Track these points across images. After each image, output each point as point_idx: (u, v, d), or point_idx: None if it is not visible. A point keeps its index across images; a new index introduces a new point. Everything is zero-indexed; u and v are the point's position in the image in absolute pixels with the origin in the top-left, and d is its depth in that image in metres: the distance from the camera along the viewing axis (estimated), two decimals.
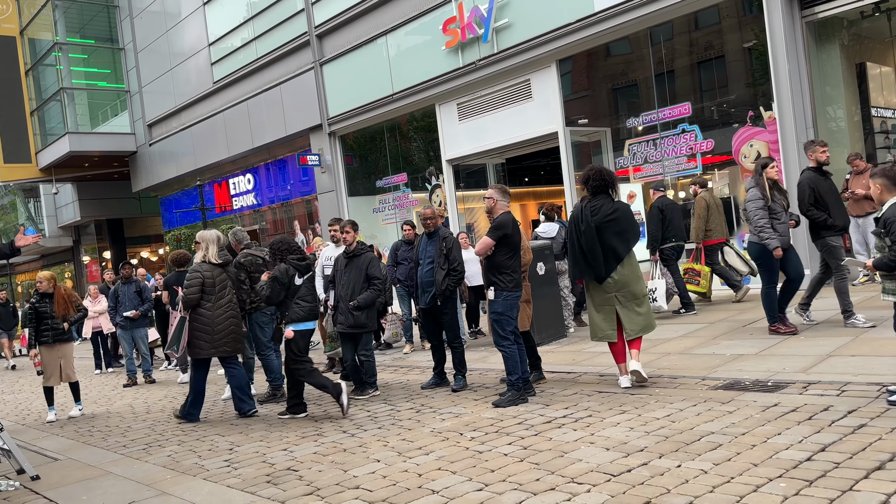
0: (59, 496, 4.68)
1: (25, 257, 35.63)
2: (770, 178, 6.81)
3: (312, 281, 6.56)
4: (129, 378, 10.29)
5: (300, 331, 6.36)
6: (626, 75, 12.41)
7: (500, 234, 5.79)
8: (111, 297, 10.70)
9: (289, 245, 6.40)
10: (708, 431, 4.26)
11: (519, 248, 5.94)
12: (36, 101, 25.59)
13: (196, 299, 6.46)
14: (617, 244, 5.59)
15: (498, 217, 5.91)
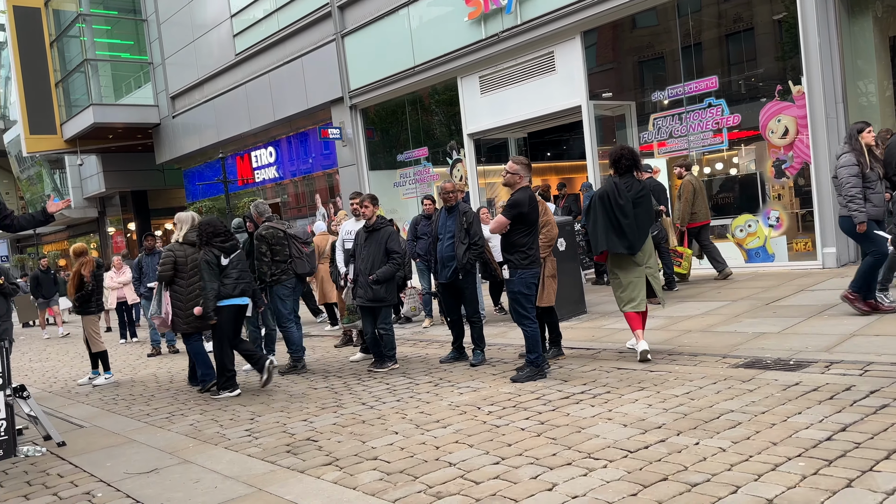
0: (83, 462, 4.79)
1: (52, 227, 36.20)
2: (867, 143, 6.34)
3: (241, 260, 6.72)
4: (153, 348, 10.46)
5: (228, 306, 6.50)
6: (653, 48, 12.17)
7: (515, 213, 5.66)
8: (135, 268, 10.84)
9: (214, 228, 6.61)
10: (727, 409, 4.24)
11: (536, 225, 5.83)
12: (60, 72, 25.79)
13: (169, 276, 6.75)
14: (645, 219, 5.96)
15: (515, 193, 5.75)
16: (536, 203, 5.87)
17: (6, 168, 38.41)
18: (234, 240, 6.74)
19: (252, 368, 7.89)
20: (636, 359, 5.78)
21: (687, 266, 9.61)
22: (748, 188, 10.61)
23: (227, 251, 6.56)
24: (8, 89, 31.93)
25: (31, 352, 13.65)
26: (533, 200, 5.77)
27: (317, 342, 9.57)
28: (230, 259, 6.56)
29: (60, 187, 32.07)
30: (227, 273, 6.53)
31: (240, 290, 6.54)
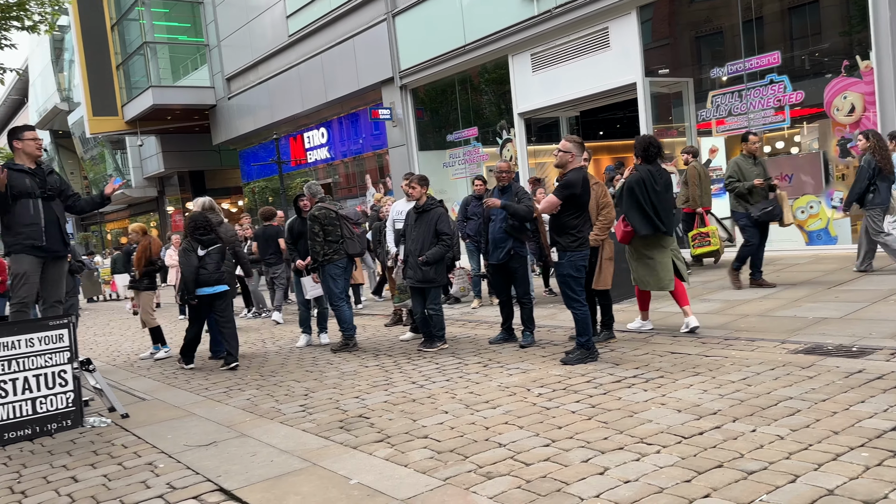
0: (146, 434, 4.97)
1: (114, 206, 37.43)
2: None
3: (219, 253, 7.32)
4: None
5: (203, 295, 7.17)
6: (711, 22, 11.79)
7: (567, 194, 5.56)
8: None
9: (195, 223, 7.32)
10: (786, 396, 4.13)
11: (586, 208, 5.72)
12: (121, 55, 26.48)
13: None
14: (671, 204, 6.37)
15: (568, 174, 5.63)
16: (589, 185, 5.78)
17: (71, 149, 39.79)
18: (212, 234, 7.36)
19: (304, 345, 8.10)
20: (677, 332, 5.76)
21: (717, 242, 9.68)
22: (810, 168, 10.23)
23: (203, 244, 7.22)
24: (72, 72, 32.96)
25: (95, 326, 14.21)
26: (586, 182, 5.68)
27: (367, 321, 9.70)
28: (207, 251, 7.20)
29: (122, 167, 33.08)
30: (204, 264, 7.16)
31: (214, 279, 7.17)
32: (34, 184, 5.63)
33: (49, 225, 5.67)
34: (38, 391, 5.25)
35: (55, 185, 5.79)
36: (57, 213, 5.76)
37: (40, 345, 5.29)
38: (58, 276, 5.87)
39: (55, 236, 5.73)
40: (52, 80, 36.31)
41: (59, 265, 5.87)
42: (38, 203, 5.64)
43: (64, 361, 5.36)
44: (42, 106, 39.00)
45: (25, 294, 5.67)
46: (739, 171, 7.94)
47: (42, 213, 5.65)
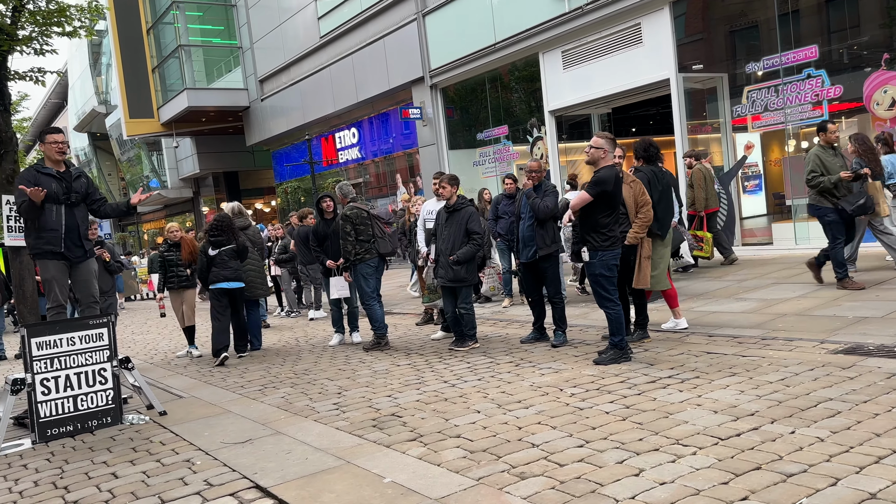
0: (183, 431, 5.06)
1: (150, 207, 38.15)
2: None
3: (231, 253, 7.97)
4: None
5: (214, 289, 7.90)
6: (746, 16, 11.60)
7: (599, 191, 5.47)
8: None
9: (211, 224, 8.07)
10: (826, 398, 4.04)
11: (618, 206, 5.64)
12: (156, 58, 26.99)
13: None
14: (670, 205, 6.51)
15: (600, 171, 5.53)
16: (621, 183, 5.71)
17: (108, 151, 40.66)
18: (225, 236, 7.98)
19: (336, 344, 8.17)
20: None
21: (708, 249, 9.71)
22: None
23: (214, 244, 7.89)
24: (109, 76, 33.68)
25: (133, 325, 14.50)
26: (618, 179, 5.61)
27: (398, 320, 9.74)
28: (219, 251, 7.87)
29: (158, 169, 33.71)
30: (216, 262, 7.87)
31: (223, 276, 7.88)
32: (59, 189, 5.65)
33: (69, 232, 5.69)
34: (79, 389, 5.37)
35: (80, 189, 5.79)
36: (78, 220, 5.75)
37: (81, 343, 5.41)
38: (86, 275, 5.91)
39: (75, 243, 5.74)
40: (90, 84, 37.15)
41: (85, 266, 5.89)
42: (62, 209, 5.67)
43: (104, 360, 5.48)
44: (80, 109, 39.92)
45: (56, 296, 5.77)
46: (821, 164, 7.31)
47: (63, 220, 5.67)
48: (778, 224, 11.26)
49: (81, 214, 5.80)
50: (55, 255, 5.69)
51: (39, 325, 5.51)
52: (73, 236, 5.73)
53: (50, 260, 5.71)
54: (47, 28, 7.00)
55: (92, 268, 5.99)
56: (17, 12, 6.80)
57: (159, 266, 8.60)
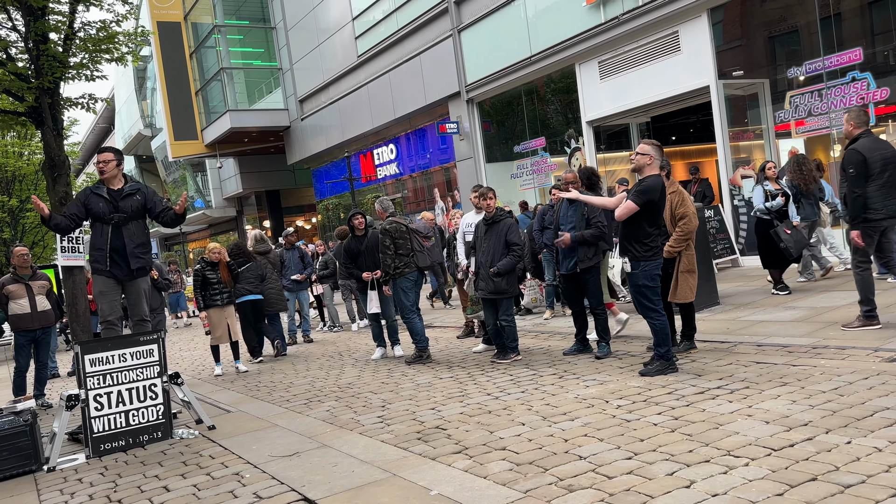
0: (232, 445, 5.14)
1: (195, 226, 39.01)
2: None
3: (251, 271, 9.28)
4: (289, 337, 11.03)
5: (241, 302, 9.19)
6: (786, 21, 11.40)
7: (645, 200, 5.40)
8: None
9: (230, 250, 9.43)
10: (882, 407, 3.92)
11: (661, 216, 5.57)
12: (199, 81, 27.72)
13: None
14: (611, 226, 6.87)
15: (647, 180, 5.46)
16: (663, 192, 5.63)
17: (154, 173, 41.77)
18: (243, 257, 9.37)
19: (379, 357, 8.21)
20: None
21: None
22: None
23: (238, 264, 9.22)
24: (154, 99, 34.69)
25: (180, 342, 14.80)
26: (664, 190, 5.55)
27: (439, 333, 9.75)
28: (240, 269, 9.19)
29: (202, 189, 34.49)
30: (240, 279, 9.11)
31: (246, 290, 9.21)
32: (105, 208, 5.76)
33: (114, 251, 5.77)
34: (130, 404, 5.51)
35: (129, 209, 5.83)
36: (125, 238, 5.79)
37: (132, 360, 5.55)
38: (136, 293, 5.99)
39: (121, 262, 5.81)
40: (135, 108, 38.30)
41: (135, 284, 5.96)
42: (108, 229, 5.76)
43: (154, 375, 5.62)
44: (127, 133, 41.15)
45: (107, 311, 5.90)
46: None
47: (109, 239, 5.74)
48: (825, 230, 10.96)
49: (130, 232, 5.84)
50: (104, 273, 5.84)
51: (92, 342, 5.67)
52: (119, 255, 5.80)
53: (99, 276, 5.87)
54: (97, 55, 7.25)
55: (141, 287, 6.04)
56: (68, 40, 7.07)
57: (200, 285, 8.75)
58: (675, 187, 6.16)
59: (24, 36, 6.95)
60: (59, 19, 6.97)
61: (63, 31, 6.96)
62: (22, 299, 7.83)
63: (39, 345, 8.07)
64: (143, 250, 5.97)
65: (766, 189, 8.38)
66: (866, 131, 5.95)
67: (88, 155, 49.93)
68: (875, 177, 5.77)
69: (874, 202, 5.78)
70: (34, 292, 7.91)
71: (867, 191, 5.79)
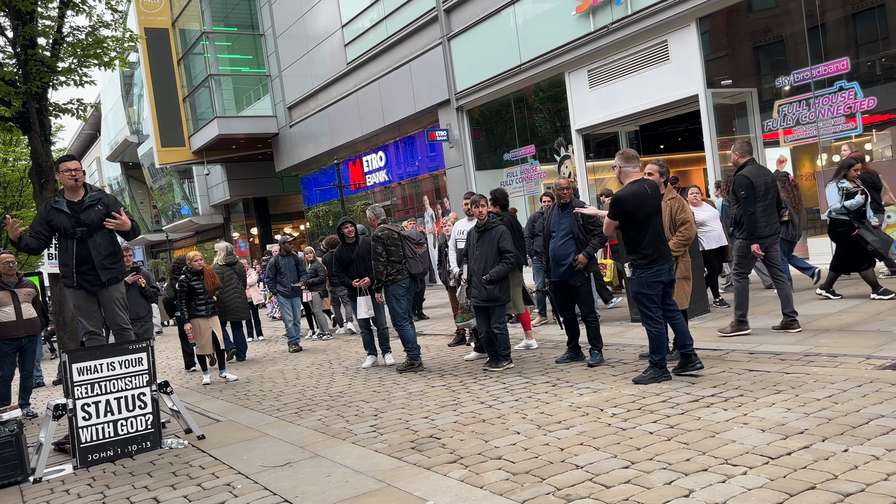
0: (222, 455, 5.07)
1: (182, 234, 38.74)
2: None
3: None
4: (293, 344, 10.97)
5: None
6: (773, 31, 11.52)
7: (618, 212, 5.43)
8: (272, 268, 11.41)
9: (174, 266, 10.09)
10: (877, 414, 3.92)
11: (645, 223, 5.43)
12: (187, 88, 27.58)
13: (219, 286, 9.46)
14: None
15: (620, 190, 5.50)
16: (645, 198, 5.44)
17: (140, 179, 41.50)
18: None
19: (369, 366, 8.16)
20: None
21: (611, 274, 10.33)
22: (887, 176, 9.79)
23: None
24: (141, 106, 34.49)
25: (167, 350, 14.64)
26: (637, 196, 5.41)
27: (430, 341, 9.71)
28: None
29: (189, 196, 34.27)
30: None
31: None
32: (68, 223, 5.57)
33: (80, 264, 5.59)
34: (119, 413, 5.43)
35: (91, 221, 5.60)
36: (91, 250, 5.60)
37: (121, 368, 5.48)
38: (109, 302, 5.79)
39: (90, 274, 5.64)
40: (122, 115, 38.06)
41: (107, 294, 5.77)
42: (73, 244, 5.58)
43: (143, 384, 5.54)
44: (113, 139, 40.87)
45: (87, 324, 5.79)
46: None
47: (74, 254, 5.58)
48: (813, 239, 11.06)
49: (96, 244, 5.63)
50: (73, 287, 5.69)
51: (80, 350, 5.59)
52: (86, 267, 5.61)
53: (72, 290, 5.73)
54: (86, 60, 7.18)
55: (114, 296, 5.81)
56: (56, 45, 7.00)
57: (185, 294, 8.64)
58: (672, 194, 6.17)
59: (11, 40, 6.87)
60: (47, 24, 6.90)
61: (52, 35, 6.90)
62: (7, 307, 7.71)
63: (25, 353, 7.94)
64: (113, 261, 5.76)
65: (843, 187, 7.78)
66: (751, 160, 6.71)
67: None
68: (759, 199, 6.48)
69: (760, 221, 6.51)
70: (20, 300, 7.79)
71: (755, 211, 6.51)
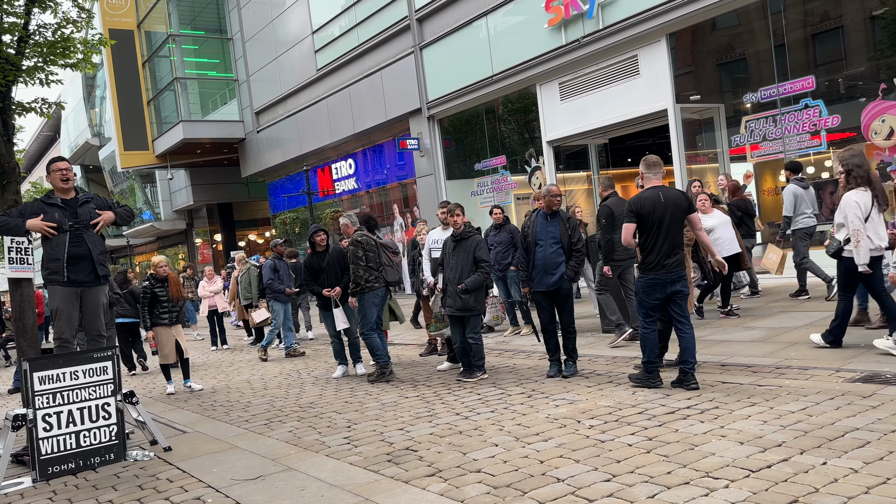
0: (190, 468, 4.91)
1: (143, 239, 37.93)
2: None
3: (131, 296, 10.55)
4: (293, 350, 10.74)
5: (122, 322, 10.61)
6: (742, 48, 11.77)
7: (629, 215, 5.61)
8: (270, 270, 10.82)
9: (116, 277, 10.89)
10: (852, 427, 3.97)
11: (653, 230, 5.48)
12: (152, 91, 27.08)
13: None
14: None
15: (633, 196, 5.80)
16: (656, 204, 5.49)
17: (101, 183, 40.53)
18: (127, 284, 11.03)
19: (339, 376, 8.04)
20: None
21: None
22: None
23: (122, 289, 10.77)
24: (103, 108, 33.75)
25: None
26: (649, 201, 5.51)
27: (401, 351, 9.62)
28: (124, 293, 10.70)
29: (151, 201, 33.60)
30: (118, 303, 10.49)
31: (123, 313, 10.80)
32: (63, 217, 5.59)
33: (73, 259, 5.58)
34: (81, 424, 5.23)
35: (86, 216, 5.69)
36: (88, 245, 5.65)
37: (85, 377, 5.28)
38: (94, 306, 5.79)
39: (83, 269, 5.63)
40: (83, 117, 37.19)
41: (93, 296, 5.76)
42: (65, 237, 5.58)
43: (108, 394, 5.35)
44: (73, 142, 39.90)
45: (63, 328, 5.66)
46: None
47: (66, 248, 5.57)
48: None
49: (93, 239, 5.70)
50: (61, 283, 5.61)
51: (42, 358, 5.38)
52: (80, 263, 5.62)
53: (57, 286, 5.63)
54: (52, 59, 6.97)
55: (100, 300, 5.86)
56: (22, 42, 6.78)
57: (148, 302, 8.40)
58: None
59: None
60: (13, 21, 6.68)
61: (17, 32, 6.68)
62: None
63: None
64: (105, 258, 5.89)
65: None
66: (613, 193, 7.74)
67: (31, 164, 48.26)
68: (618, 227, 6.96)
69: (617, 247, 7.33)
70: None
71: (612, 238, 7.40)
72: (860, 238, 5.64)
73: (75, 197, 5.77)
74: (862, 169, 5.84)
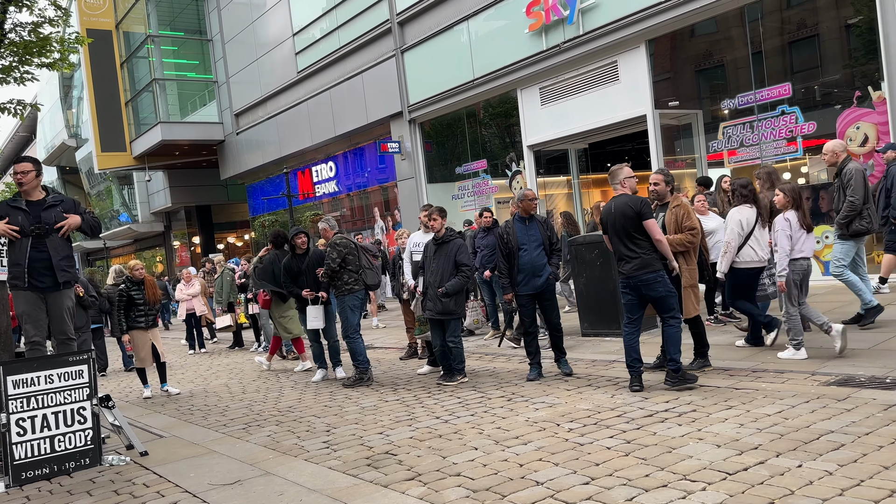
0: (167, 472, 4.86)
1: (120, 241, 37.48)
2: None
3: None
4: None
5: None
6: (720, 55, 11.89)
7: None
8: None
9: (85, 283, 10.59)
10: (826, 430, 4.03)
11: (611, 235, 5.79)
12: (130, 92, 26.78)
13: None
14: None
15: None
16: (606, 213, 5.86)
17: (78, 185, 40.00)
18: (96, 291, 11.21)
19: (319, 380, 7.99)
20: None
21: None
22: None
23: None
24: (80, 109, 33.31)
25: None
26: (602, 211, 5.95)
27: (381, 354, 9.59)
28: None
29: (128, 202, 33.21)
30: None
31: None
32: (25, 221, 5.45)
33: (34, 263, 5.45)
34: (56, 429, 5.16)
35: (52, 220, 5.52)
36: (50, 250, 5.49)
37: (60, 381, 5.21)
38: (59, 309, 5.64)
39: (43, 274, 5.50)
40: (60, 117, 36.68)
41: (58, 299, 5.62)
42: (26, 242, 5.44)
43: (83, 398, 5.28)
44: (50, 142, 39.33)
45: (31, 332, 5.56)
46: None
47: (27, 252, 5.43)
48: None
49: (55, 244, 5.53)
50: (23, 288, 5.49)
51: (16, 362, 5.30)
52: (39, 267, 5.47)
53: (21, 292, 5.52)
54: (28, 58, 6.88)
55: (65, 303, 5.69)
56: None
57: (124, 305, 8.29)
58: (678, 201, 6.27)
59: None
60: None
61: None
62: None
63: None
64: (69, 263, 5.71)
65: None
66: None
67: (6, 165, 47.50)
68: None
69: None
70: None
71: None
72: (729, 249, 6.34)
73: (42, 199, 5.60)
74: (746, 189, 6.49)
